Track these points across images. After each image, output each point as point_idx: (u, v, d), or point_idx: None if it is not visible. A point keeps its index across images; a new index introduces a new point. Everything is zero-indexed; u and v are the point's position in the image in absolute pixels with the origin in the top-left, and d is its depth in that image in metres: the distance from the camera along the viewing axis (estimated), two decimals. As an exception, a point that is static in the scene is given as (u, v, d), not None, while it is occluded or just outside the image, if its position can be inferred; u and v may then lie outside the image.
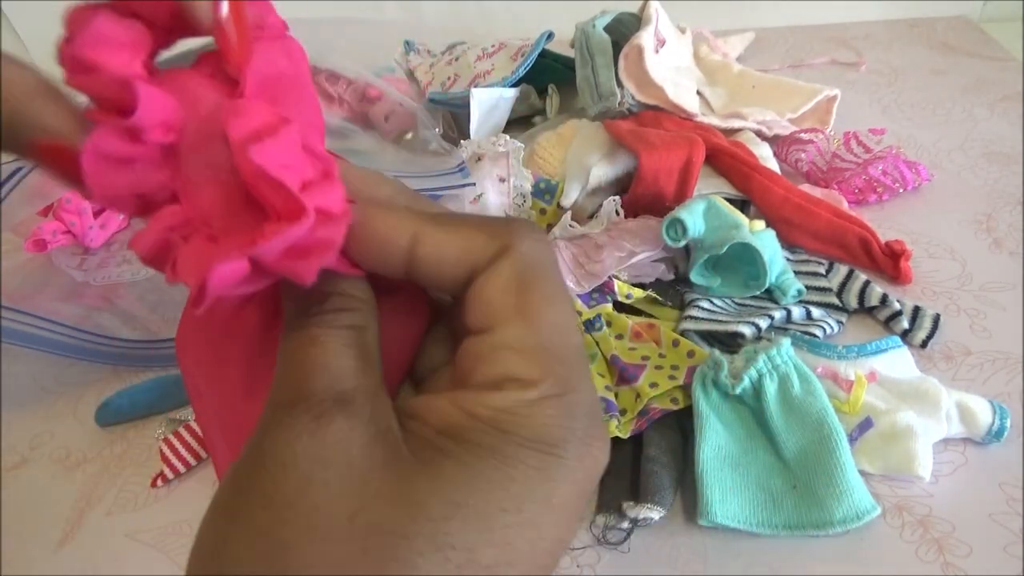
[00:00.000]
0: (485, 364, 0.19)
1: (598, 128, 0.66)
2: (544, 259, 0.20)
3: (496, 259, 0.19)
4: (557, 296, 0.19)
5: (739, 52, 0.91)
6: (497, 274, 0.19)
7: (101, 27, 0.18)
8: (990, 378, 0.48)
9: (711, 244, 0.52)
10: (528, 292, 0.19)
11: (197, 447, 0.48)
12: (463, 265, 0.19)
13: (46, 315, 0.57)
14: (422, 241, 0.19)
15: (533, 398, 0.18)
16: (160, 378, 0.55)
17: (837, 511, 0.40)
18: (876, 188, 0.63)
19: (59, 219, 0.69)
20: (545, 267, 0.20)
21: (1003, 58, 0.86)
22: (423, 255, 0.19)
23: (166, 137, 0.18)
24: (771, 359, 0.44)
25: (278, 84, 0.20)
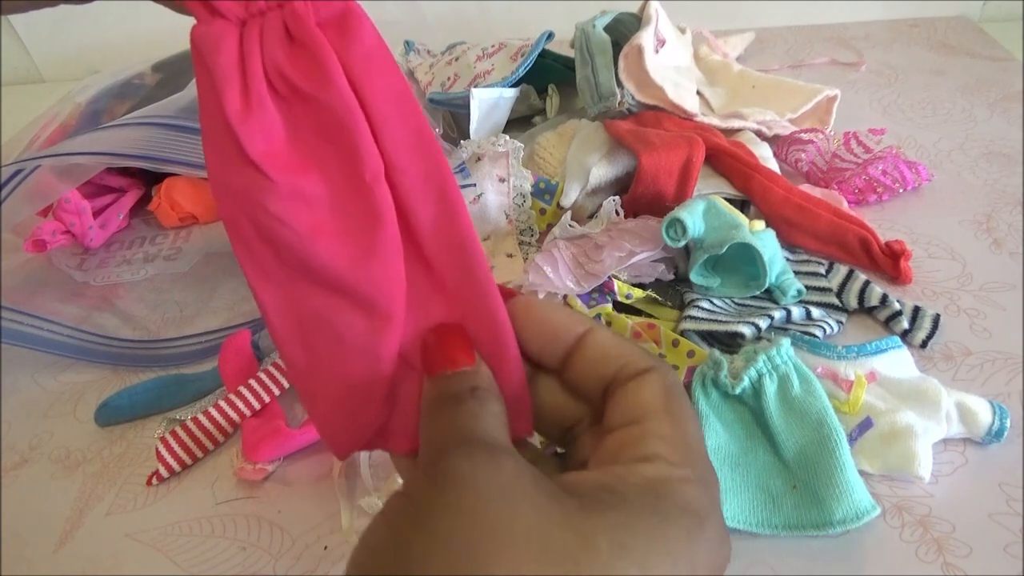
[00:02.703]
0: (635, 447, 0.22)
1: (598, 128, 0.66)
2: (681, 385, 0.24)
3: (647, 372, 0.24)
4: (693, 414, 0.24)
5: (739, 52, 0.91)
6: (650, 383, 0.23)
7: None
8: (990, 378, 0.48)
9: (711, 244, 0.52)
10: (674, 402, 0.23)
11: (193, 447, 0.48)
12: (616, 364, 0.24)
13: (46, 315, 0.57)
14: (593, 333, 0.24)
15: (681, 476, 0.21)
16: (160, 378, 0.55)
17: (837, 511, 0.40)
18: (876, 188, 0.63)
19: (59, 219, 0.69)
20: (684, 391, 0.24)
21: (1003, 58, 0.86)
22: (590, 343, 0.24)
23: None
24: (771, 359, 0.44)
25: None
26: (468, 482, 0.20)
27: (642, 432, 0.22)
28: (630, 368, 0.24)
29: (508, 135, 0.62)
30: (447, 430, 0.22)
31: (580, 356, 0.25)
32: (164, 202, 0.72)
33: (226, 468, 0.48)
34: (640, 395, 0.23)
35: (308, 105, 0.22)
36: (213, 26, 0.21)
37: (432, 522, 0.19)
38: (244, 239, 0.23)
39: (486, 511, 0.19)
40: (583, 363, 0.25)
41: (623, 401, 0.23)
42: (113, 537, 0.45)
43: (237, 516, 0.45)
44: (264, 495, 0.46)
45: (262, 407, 0.50)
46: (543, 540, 0.19)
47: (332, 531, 0.44)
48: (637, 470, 0.21)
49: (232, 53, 0.21)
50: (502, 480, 0.20)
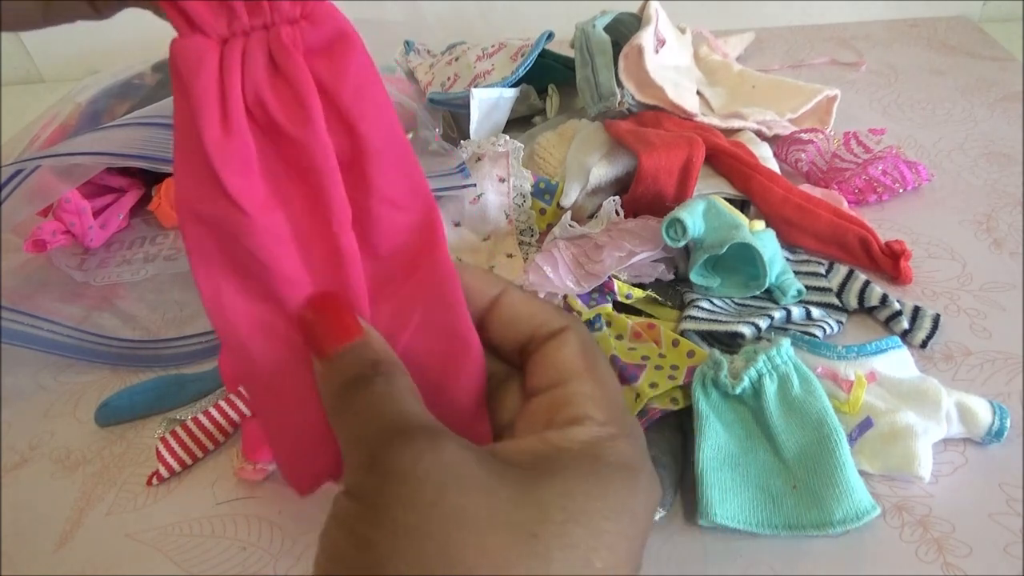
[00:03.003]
0: (564, 409, 0.23)
1: (598, 128, 0.66)
2: (595, 340, 0.25)
3: (562, 331, 0.24)
4: (609, 368, 0.25)
5: (739, 52, 0.91)
6: (567, 343, 0.24)
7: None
8: (990, 378, 0.48)
9: (711, 244, 0.52)
10: (591, 359, 0.24)
11: (193, 447, 0.48)
12: (531, 324, 0.25)
13: (46, 315, 0.57)
14: (507, 294, 0.25)
15: (611, 433, 0.22)
16: (160, 378, 0.55)
17: (837, 511, 0.40)
18: (876, 188, 0.63)
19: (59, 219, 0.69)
20: (597, 345, 0.25)
21: (1003, 58, 0.86)
22: (504, 304, 0.25)
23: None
24: (771, 359, 0.44)
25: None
26: (416, 473, 0.20)
27: (568, 394, 0.23)
28: (545, 328, 0.25)
29: (508, 135, 0.62)
30: (372, 419, 0.21)
31: (495, 317, 0.25)
32: (164, 202, 0.72)
33: (226, 468, 0.48)
34: (560, 356, 0.24)
35: (284, 141, 0.21)
36: (193, 41, 0.20)
37: (390, 518, 0.19)
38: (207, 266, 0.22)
39: (442, 499, 0.19)
40: (498, 324, 0.25)
41: (543, 363, 0.24)
42: (113, 537, 0.45)
43: (237, 516, 0.45)
44: (264, 495, 0.46)
45: (262, 407, 0.50)
46: (501, 519, 0.19)
47: (332, 531, 0.43)
48: (570, 434, 0.22)
49: (212, 74, 0.20)
50: (448, 465, 0.20)
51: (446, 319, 0.24)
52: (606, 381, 0.24)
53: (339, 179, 0.22)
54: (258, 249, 0.22)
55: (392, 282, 0.24)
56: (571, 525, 0.20)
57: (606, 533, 0.20)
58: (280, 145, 0.22)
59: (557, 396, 0.23)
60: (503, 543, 0.19)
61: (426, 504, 0.19)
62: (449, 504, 0.19)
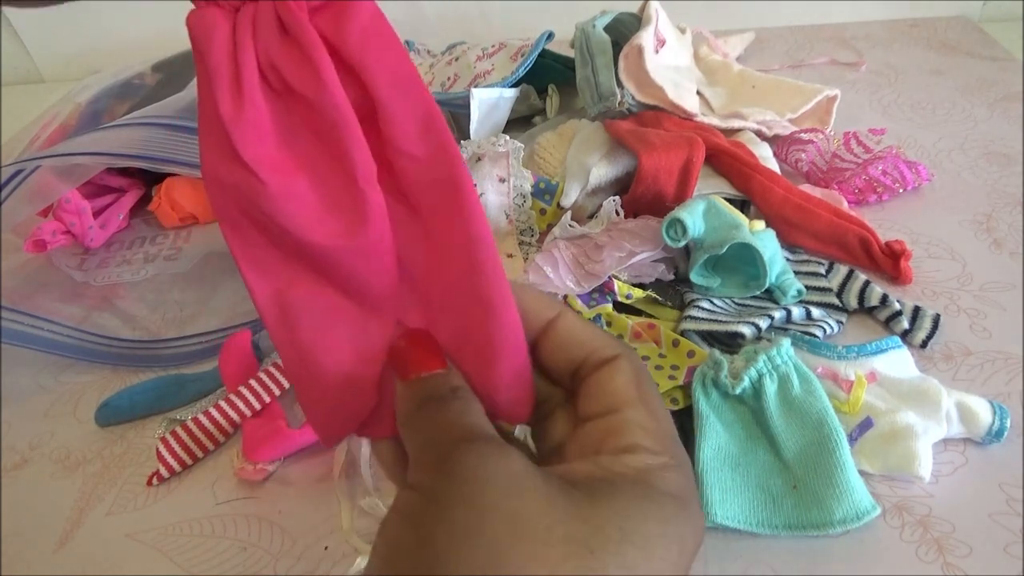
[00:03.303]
0: (616, 436, 0.23)
1: (598, 128, 0.66)
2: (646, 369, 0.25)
3: (616, 359, 0.25)
4: (660, 398, 0.25)
5: (739, 52, 0.91)
6: (620, 371, 0.24)
7: None
8: (990, 378, 0.48)
9: (711, 244, 0.52)
10: (644, 388, 0.24)
11: (193, 447, 0.48)
12: (584, 349, 0.25)
13: (46, 315, 0.57)
14: (564, 318, 0.25)
15: (664, 463, 0.23)
16: (160, 378, 0.55)
17: (837, 511, 0.40)
18: (876, 188, 0.63)
19: (59, 219, 0.69)
20: (649, 374, 0.25)
21: (1003, 58, 0.86)
22: (560, 327, 0.25)
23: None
24: (771, 359, 0.44)
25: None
26: (482, 476, 0.21)
27: (621, 422, 0.24)
28: (598, 354, 0.25)
29: (508, 135, 0.62)
30: (445, 428, 0.22)
31: (549, 340, 0.26)
32: (164, 202, 0.72)
33: (226, 468, 0.48)
34: (613, 384, 0.24)
35: (300, 103, 0.21)
36: (207, 12, 0.21)
37: (452, 516, 0.20)
38: (237, 229, 0.23)
39: (504, 504, 0.20)
40: (552, 347, 0.26)
41: (596, 389, 0.25)
42: (113, 537, 0.45)
43: (237, 516, 0.45)
44: (264, 495, 0.46)
45: (262, 407, 0.50)
46: (559, 531, 0.20)
47: (332, 531, 0.44)
48: (623, 461, 0.23)
49: (225, 43, 0.21)
50: (513, 473, 0.21)
51: (471, 282, 0.23)
52: (658, 411, 0.24)
53: (359, 134, 0.22)
54: (276, 214, 0.22)
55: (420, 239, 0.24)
56: (627, 546, 0.20)
57: (658, 559, 0.21)
58: (297, 108, 0.22)
59: (610, 423, 0.24)
60: (560, 555, 0.19)
61: (487, 506, 0.20)
62: (509, 509, 0.20)
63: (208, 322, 0.60)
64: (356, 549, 0.42)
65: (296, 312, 0.24)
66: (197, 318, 0.61)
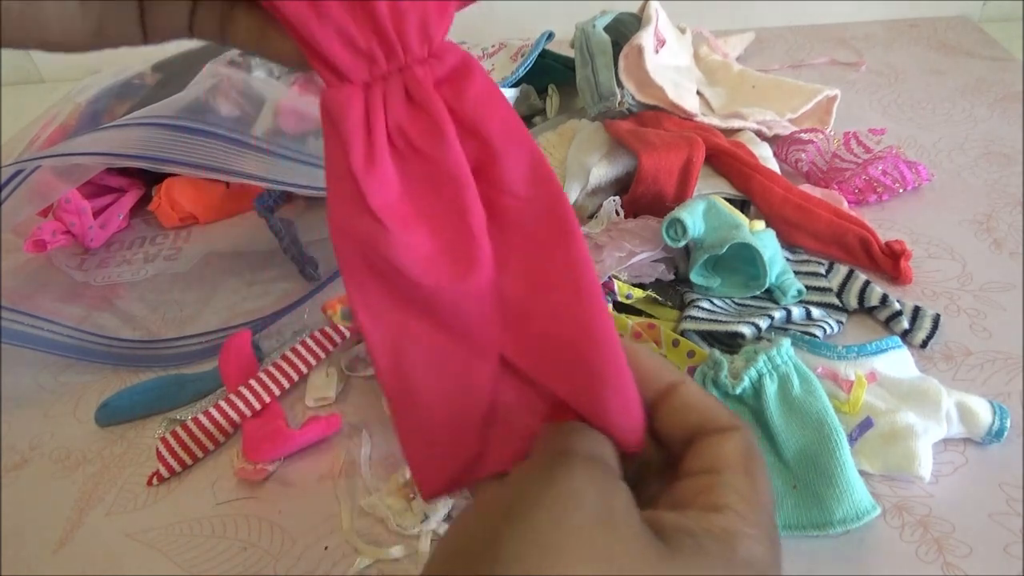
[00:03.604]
0: (711, 494, 0.23)
1: (598, 128, 0.66)
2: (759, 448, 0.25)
3: (731, 430, 0.25)
4: (768, 478, 0.25)
5: (739, 52, 0.91)
6: (732, 439, 0.24)
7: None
8: (990, 378, 0.48)
9: (711, 244, 0.52)
10: (752, 462, 0.24)
11: (193, 447, 0.48)
12: (702, 417, 0.25)
13: (46, 315, 0.57)
14: (684, 384, 0.26)
15: (751, 533, 0.22)
16: (160, 378, 0.55)
17: (837, 511, 0.40)
18: (876, 188, 0.63)
19: (59, 219, 0.69)
20: (761, 454, 0.25)
21: (1003, 58, 0.86)
22: (680, 393, 0.25)
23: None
24: (771, 359, 0.44)
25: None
26: (580, 494, 0.20)
27: (719, 483, 0.23)
28: (714, 423, 0.25)
29: (508, 135, 0.62)
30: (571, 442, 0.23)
31: (667, 404, 0.26)
32: (164, 202, 0.72)
33: (226, 468, 0.48)
34: (722, 448, 0.24)
35: (423, 160, 0.25)
36: (342, 90, 0.24)
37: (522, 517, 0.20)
38: (357, 277, 0.25)
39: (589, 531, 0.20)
40: (669, 411, 0.26)
41: (703, 451, 0.25)
42: (113, 537, 0.45)
43: (237, 516, 0.45)
44: (265, 495, 0.46)
45: (262, 407, 0.50)
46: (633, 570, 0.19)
47: (332, 531, 0.44)
48: (711, 518, 0.22)
49: (359, 113, 0.24)
50: (611, 506, 0.21)
51: (577, 311, 0.25)
52: (760, 484, 0.24)
53: (474, 187, 0.25)
54: (396, 259, 0.24)
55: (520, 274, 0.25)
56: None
57: None
58: (419, 165, 0.25)
59: (708, 482, 0.24)
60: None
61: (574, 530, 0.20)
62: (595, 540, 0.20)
63: (208, 322, 0.60)
64: (356, 549, 0.42)
65: (407, 356, 0.25)
66: (197, 318, 0.61)
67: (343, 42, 0.24)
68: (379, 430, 0.49)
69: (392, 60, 0.24)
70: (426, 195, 0.25)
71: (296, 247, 0.63)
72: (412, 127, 0.24)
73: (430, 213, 0.25)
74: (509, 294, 0.25)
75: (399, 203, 0.25)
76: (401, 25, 0.24)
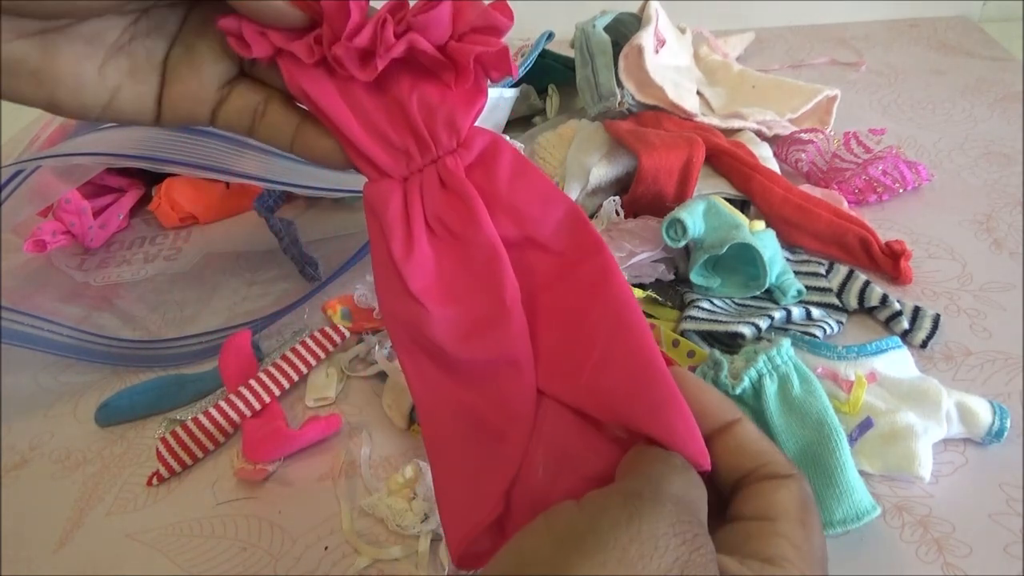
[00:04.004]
0: (763, 542, 0.23)
1: (598, 128, 0.66)
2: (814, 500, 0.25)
3: (788, 478, 0.24)
4: (821, 529, 0.24)
5: (739, 52, 0.91)
6: (789, 488, 0.24)
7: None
8: (990, 378, 0.48)
9: (711, 244, 0.52)
10: (809, 514, 0.24)
11: (193, 447, 0.48)
12: (757, 460, 0.24)
13: (46, 315, 0.57)
14: (743, 424, 0.25)
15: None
16: (160, 378, 0.55)
17: (837, 511, 0.40)
18: (876, 188, 0.63)
19: (59, 219, 0.69)
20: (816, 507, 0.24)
21: (1003, 58, 0.86)
22: (737, 432, 0.25)
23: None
24: (771, 359, 0.44)
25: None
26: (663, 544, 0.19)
27: (773, 531, 0.23)
28: (770, 468, 0.24)
29: (508, 135, 0.62)
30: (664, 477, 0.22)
31: (722, 443, 0.25)
32: (164, 202, 0.72)
33: (226, 468, 0.48)
34: (778, 496, 0.24)
35: (458, 242, 0.27)
36: (382, 184, 0.27)
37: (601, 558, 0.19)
38: (410, 353, 0.28)
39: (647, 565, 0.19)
40: (725, 450, 0.25)
41: (757, 496, 0.24)
42: (113, 537, 0.45)
43: (237, 516, 0.45)
44: (264, 495, 0.46)
45: (262, 407, 0.50)
46: None
47: (332, 531, 0.44)
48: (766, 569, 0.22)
49: (398, 205, 0.27)
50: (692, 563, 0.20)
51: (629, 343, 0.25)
52: (814, 539, 0.23)
53: (506, 260, 0.27)
54: (436, 337, 0.26)
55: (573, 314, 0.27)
56: None
57: None
58: (456, 248, 0.27)
59: (763, 529, 0.23)
60: None
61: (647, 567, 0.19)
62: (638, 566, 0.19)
63: (208, 322, 0.60)
64: (356, 549, 0.42)
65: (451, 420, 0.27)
66: (197, 318, 0.61)
67: (382, 143, 0.26)
68: (379, 430, 0.49)
69: (426, 154, 0.27)
70: (461, 275, 0.27)
71: (296, 247, 0.63)
72: (447, 213, 0.27)
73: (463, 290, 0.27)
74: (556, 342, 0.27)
75: (436, 285, 0.27)
76: (431, 122, 0.26)
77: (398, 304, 0.27)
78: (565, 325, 0.27)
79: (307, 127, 0.27)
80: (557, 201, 0.28)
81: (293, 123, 0.27)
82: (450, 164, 0.27)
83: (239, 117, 0.27)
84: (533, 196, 0.27)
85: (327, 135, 0.27)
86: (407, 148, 0.27)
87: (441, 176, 0.27)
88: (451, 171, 0.27)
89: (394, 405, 0.50)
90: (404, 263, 0.26)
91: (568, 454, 0.26)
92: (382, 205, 0.27)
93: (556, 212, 0.27)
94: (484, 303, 0.27)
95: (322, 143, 0.27)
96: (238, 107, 0.27)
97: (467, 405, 0.27)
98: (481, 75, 0.26)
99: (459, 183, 0.27)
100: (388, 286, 0.27)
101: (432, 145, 0.27)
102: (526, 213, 0.27)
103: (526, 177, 0.28)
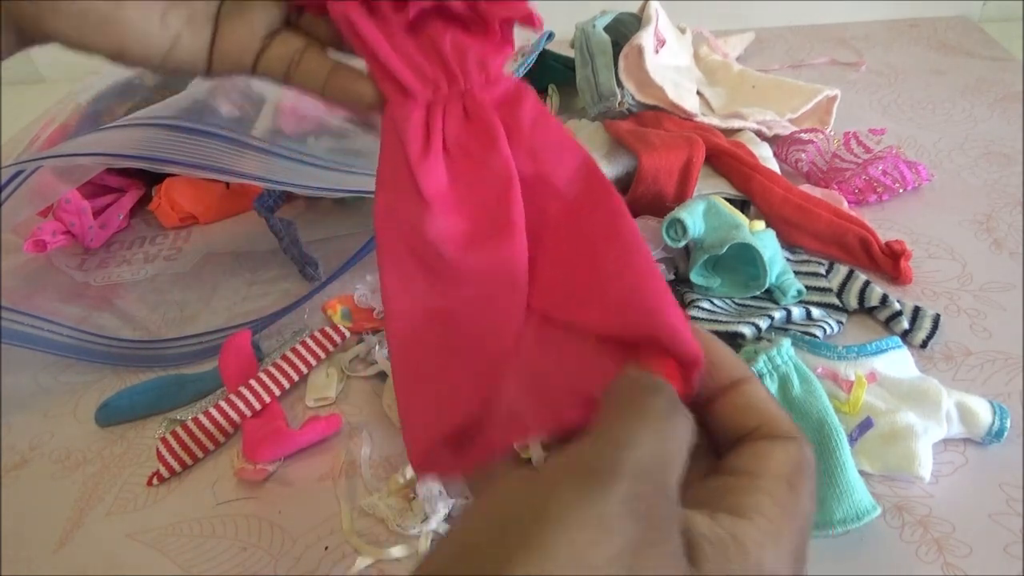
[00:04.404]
0: (745, 496, 0.22)
1: (598, 128, 0.66)
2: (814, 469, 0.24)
3: (789, 439, 0.23)
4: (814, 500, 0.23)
5: (739, 52, 0.91)
6: (786, 449, 0.23)
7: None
8: (990, 378, 0.48)
9: (711, 244, 0.52)
10: (801, 477, 0.23)
11: (193, 447, 0.48)
12: (761, 419, 0.24)
13: (46, 315, 0.57)
14: (752, 383, 0.25)
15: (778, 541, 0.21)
16: (160, 378, 0.55)
17: (837, 511, 0.40)
18: (876, 188, 0.63)
19: (59, 219, 0.69)
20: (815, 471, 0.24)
21: (1003, 58, 0.86)
22: (744, 391, 0.24)
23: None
24: (771, 359, 0.44)
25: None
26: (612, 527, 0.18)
27: (755, 487, 0.22)
28: (772, 428, 0.24)
29: (508, 135, 0.62)
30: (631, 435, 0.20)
31: (730, 400, 0.25)
32: (164, 202, 0.72)
33: (226, 468, 0.48)
34: (773, 455, 0.23)
35: (473, 163, 0.28)
36: (406, 103, 0.28)
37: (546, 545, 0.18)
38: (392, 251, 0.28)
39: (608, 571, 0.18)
40: (731, 407, 0.24)
41: (750, 453, 0.23)
42: (113, 537, 0.45)
43: (237, 516, 0.45)
44: (264, 495, 0.46)
45: (262, 407, 0.50)
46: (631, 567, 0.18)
47: (332, 531, 0.44)
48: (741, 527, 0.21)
49: (419, 120, 0.28)
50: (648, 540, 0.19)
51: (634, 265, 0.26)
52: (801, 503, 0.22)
53: (518, 186, 0.27)
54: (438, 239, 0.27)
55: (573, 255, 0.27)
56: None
57: None
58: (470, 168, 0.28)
59: (745, 483, 0.22)
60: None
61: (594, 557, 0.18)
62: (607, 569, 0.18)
63: (208, 322, 0.60)
64: (356, 549, 0.42)
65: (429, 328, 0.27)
66: (197, 318, 0.61)
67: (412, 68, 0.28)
68: (379, 430, 0.49)
69: (453, 86, 0.28)
70: (472, 191, 0.28)
71: (296, 247, 0.63)
72: (466, 137, 0.28)
73: (472, 204, 0.28)
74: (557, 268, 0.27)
75: (446, 193, 0.28)
76: (463, 60, 0.28)
77: (403, 204, 0.27)
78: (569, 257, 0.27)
79: (339, 72, 0.29)
80: (574, 150, 0.29)
81: (326, 69, 0.29)
82: (478, 96, 0.28)
83: (279, 64, 0.29)
84: (551, 142, 0.28)
85: (358, 79, 0.29)
86: (436, 78, 0.28)
87: (466, 107, 0.28)
88: (478, 101, 0.28)
89: (394, 405, 0.50)
90: (419, 165, 0.27)
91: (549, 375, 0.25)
92: (403, 118, 0.28)
93: (572, 161, 0.28)
94: (490, 218, 0.28)
95: (354, 86, 0.29)
96: (279, 54, 0.29)
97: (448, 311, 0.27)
98: (509, 29, 0.28)
99: (485, 112, 0.28)
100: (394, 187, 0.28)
101: (461, 78, 0.28)
102: (543, 156, 0.28)
103: (547, 123, 0.29)
